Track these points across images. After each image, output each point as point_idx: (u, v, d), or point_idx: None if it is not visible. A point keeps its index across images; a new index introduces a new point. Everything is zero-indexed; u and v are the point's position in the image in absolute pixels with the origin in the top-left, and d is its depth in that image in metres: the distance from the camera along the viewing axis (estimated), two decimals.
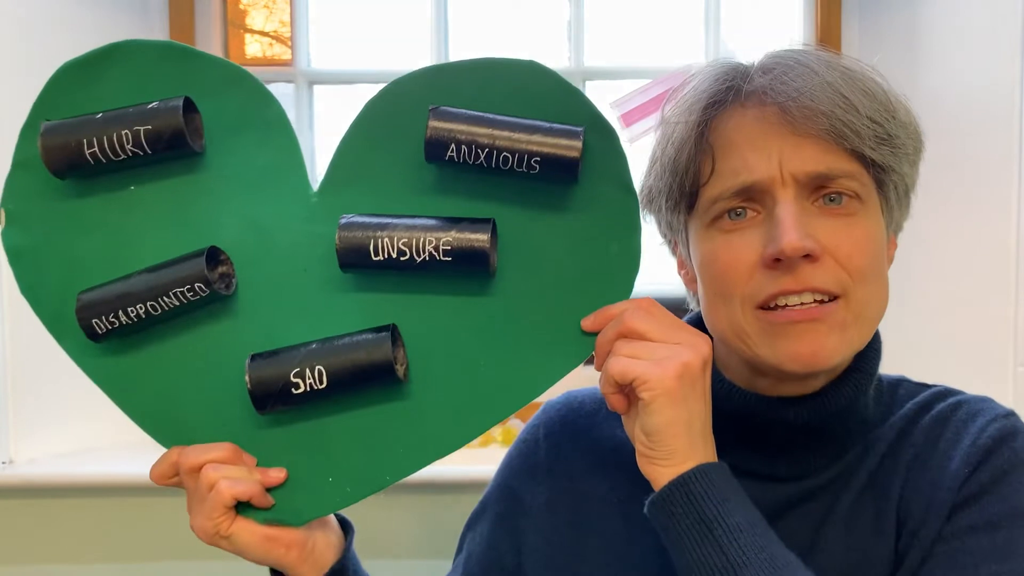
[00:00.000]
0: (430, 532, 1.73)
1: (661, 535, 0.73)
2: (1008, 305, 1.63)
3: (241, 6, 2.06)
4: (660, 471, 0.72)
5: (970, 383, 0.87)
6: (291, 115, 2.00)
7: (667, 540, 0.72)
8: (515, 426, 1.80)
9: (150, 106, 0.76)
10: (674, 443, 0.71)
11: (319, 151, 2.07)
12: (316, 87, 2.06)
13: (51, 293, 0.79)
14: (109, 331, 0.77)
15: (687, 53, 2.03)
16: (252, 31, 2.06)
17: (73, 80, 0.79)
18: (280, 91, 2.01)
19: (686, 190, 0.80)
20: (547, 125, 0.74)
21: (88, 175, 0.78)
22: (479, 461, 0.78)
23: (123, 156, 0.76)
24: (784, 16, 2.06)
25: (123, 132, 0.75)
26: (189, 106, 0.77)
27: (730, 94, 0.78)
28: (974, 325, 1.70)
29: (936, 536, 0.74)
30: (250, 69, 0.80)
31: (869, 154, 0.75)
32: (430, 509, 1.70)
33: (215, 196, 0.80)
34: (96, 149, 0.75)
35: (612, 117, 1.05)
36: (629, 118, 1.07)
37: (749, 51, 0.82)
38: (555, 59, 2.03)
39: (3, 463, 1.75)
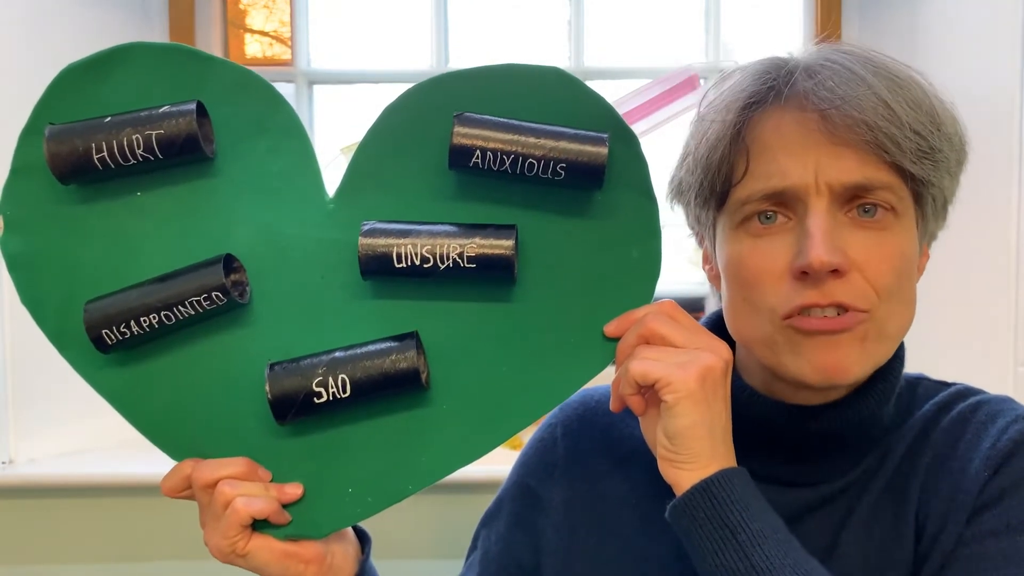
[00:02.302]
0: (440, 532, 1.73)
1: (683, 539, 0.72)
2: (1008, 305, 1.63)
3: (241, 6, 2.05)
4: (683, 475, 0.71)
5: (970, 383, 0.86)
6: None
7: (689, 545, 0.72)
8: None
9: (161, 110, 0.73)
10: (696, 446, 0.71)
11: (319, 151, 2.06)
12: (316, 87, 2.06)
13: (53, 303, 0.76)
14: (119, 342, 0.74)
15: (687, 53, 2.03)
16: (252, 31, 2.05)
17: (75, 84, 0.76)
18: (280, 91, 1.98)
19: (717, 189, 0.78)
20: (572, 131, 0.73)
21: (92, 180, 0.76)
22: (488, 461, 0.77)
23: (133, 161, 0.73)
24: (784, 16, 2.06)
25: (134, 137, 0.72)
26: (199, 110, 0.74)
27: (771, 95, 0.76)
28: (974, 325, 1.71)
29: (956, 540, 0.74)
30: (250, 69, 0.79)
31: (909, 168, 0.73)
32: (440, 509, 1.70)
33: (227, 203, 0.77)
34: (105, 154, 0.72)
35: None
36: (628, 119, 1.08)
37: (748, 52, 0.81)
38: (555, 59, 2.03)
39: (3, 463, 1.75)
